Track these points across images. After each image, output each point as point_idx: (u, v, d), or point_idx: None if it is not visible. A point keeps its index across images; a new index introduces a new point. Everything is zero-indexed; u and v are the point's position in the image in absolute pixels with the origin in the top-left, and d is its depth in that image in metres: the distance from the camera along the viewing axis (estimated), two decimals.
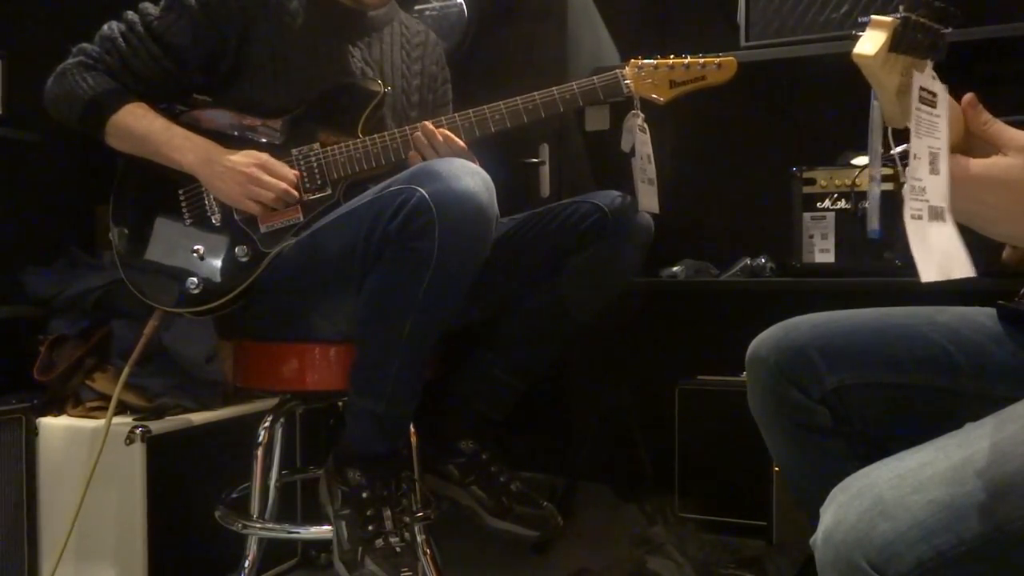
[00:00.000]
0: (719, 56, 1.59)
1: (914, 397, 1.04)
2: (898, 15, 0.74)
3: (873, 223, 0.86)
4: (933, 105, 0.77)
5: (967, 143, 0.81)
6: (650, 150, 1.62)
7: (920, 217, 0.74)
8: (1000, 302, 1.05)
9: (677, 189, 1.75)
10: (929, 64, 0.77)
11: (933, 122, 0.77)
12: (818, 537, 0.77)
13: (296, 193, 1.54)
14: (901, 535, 0.71)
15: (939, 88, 0.78)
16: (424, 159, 1.53)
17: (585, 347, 2.08)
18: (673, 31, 2.37)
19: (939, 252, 0.75)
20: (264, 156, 1.53)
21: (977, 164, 0.78)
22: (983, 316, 1.07)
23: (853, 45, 0.75)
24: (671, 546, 1.84)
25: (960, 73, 0.81)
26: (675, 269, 2.10)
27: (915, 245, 0.73)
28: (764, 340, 1.12)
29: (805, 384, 1.07)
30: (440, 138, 1.54)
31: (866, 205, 1.69)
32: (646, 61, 1.59)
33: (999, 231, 0.81)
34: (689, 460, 2.03)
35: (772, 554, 1.81)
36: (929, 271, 0.73)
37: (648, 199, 1.63)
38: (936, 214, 0.75)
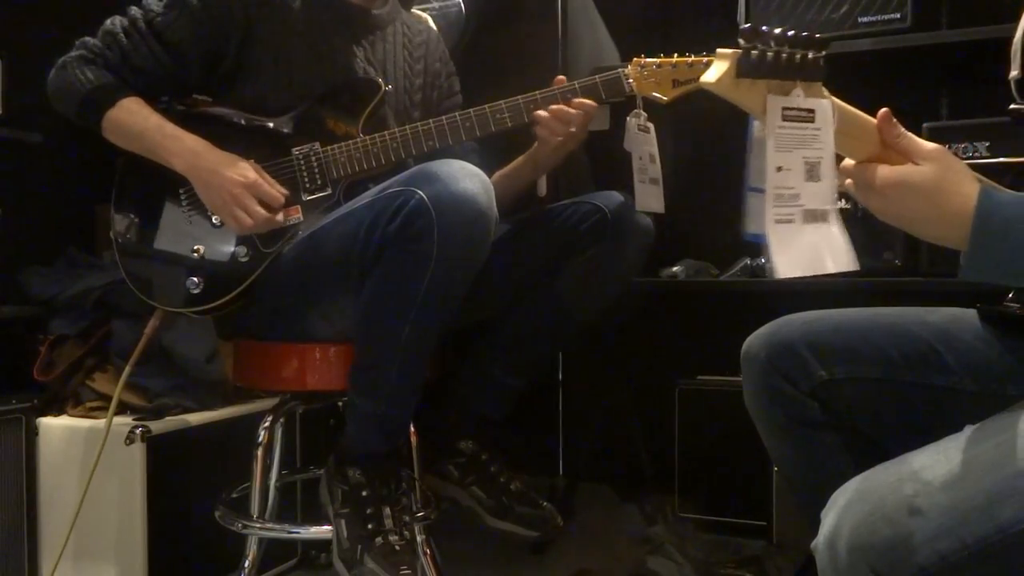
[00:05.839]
0: None
1: (902, 393, 1.06)
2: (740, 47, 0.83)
3: (748, 227, 0.96)
4: (810, 120, 0.86)
5: (885, 155, 0.88)
6: (654, 149, 1.60)
7: (789, 221, 0.86)
8: (979, 305, 1.07)
9: (677, 189, 1.75)
10: (798, 85, 0.85)
11: (813, 135, 0.86)
12: (819, 542, 0.77)
13: (280, 219, 1.52)
14: (903, 539, 0.71)
15: (820, 104, 0.86)
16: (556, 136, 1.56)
17: (585, 347, 2.08)
18: (673, 31, 2.36)
19: (810, 250, 0.86)
20: (254, 177, 1.49)
21: (891, 172, 0.86)
22: (973, 317, 1.09)
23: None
24: (671, 546, 1.84)
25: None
26: (675, 269, 2.10)
27: (773, 246, 0.85)
28: (757, 336, 1.16)
29: (795, 378, 1.10)
30: (571, 111, 1.54)
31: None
32: (649, 59, 1.56)
33: (927, 233, 0.87)
34: (689, 460, 2.02)
35: (772, 554, 1.81)
36: (786, 268, 0.84)
37: (651, 199, 1.62)
38: (814, 216, 0.86)
